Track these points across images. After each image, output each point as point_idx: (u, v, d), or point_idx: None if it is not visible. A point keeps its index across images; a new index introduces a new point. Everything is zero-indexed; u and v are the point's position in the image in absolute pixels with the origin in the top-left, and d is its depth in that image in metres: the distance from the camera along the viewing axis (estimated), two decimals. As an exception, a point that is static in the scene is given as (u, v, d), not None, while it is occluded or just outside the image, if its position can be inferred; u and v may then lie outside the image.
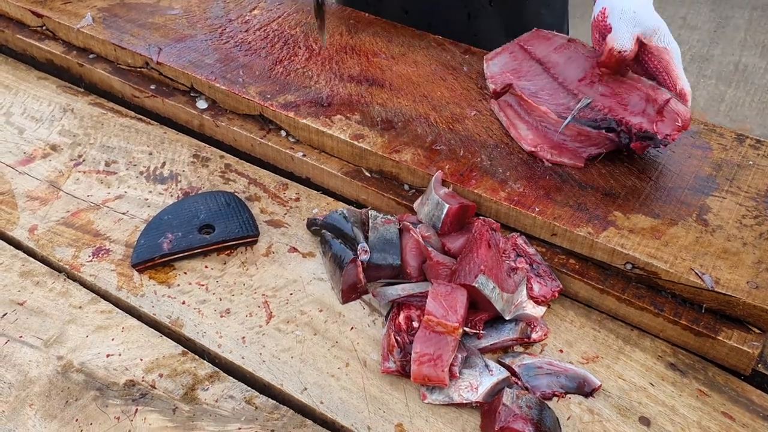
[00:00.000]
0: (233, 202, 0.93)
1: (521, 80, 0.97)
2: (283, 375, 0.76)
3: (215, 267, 0.88)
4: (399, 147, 0.95)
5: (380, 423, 0.72)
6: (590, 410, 0.74)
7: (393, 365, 0.75)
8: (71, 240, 0.91)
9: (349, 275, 0.82)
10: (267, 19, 1.23)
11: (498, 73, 0.99)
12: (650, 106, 0.87)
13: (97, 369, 0.77)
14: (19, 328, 0.81)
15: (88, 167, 1.03)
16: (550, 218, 0.85)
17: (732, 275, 0.78)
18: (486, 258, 0.78)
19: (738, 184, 0.90)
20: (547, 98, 0.95)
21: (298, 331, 0.81)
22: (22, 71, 1.23)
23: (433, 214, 0.86)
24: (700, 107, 2.98)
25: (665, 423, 0.72)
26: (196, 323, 0.82)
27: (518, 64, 1.01)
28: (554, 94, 0.95)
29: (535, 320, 0.80)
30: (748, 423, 0.72)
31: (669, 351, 0.79)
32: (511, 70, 0.99)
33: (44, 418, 0.72)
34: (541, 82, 0.97)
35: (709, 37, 3.40)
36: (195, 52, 1.13)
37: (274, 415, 0.73)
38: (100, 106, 1.15)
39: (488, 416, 0.70)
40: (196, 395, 0.74)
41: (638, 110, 0.87)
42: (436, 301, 0.75)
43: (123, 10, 1.24)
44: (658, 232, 0.83)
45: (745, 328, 0.77)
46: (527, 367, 0.76)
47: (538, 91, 0.96)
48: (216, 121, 1.06)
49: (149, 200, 0.97)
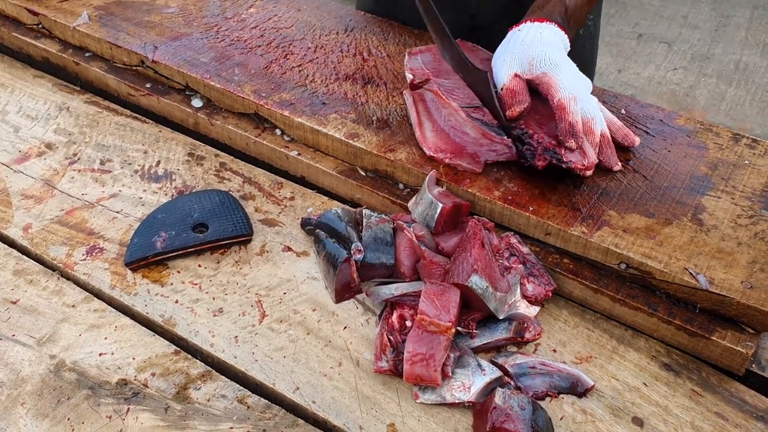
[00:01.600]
0: (227, 201, 0.93)
1: (440, 77, 0.99)
2: (276, 374, 0.76)
3: (209, 266, 0.88)
4: (394, 146, 0.95)
5: (372, 422, 0.72)
6: (583, 410, 0.73)
7: (386, 365, 0.75)
8: (65, 238, 0.91)
9: (343, 274, 0.82)
10: (263, 17, 1.23)
11: (418, 68, 1.01)
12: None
13: (89, 368, 0.77)
14: (11, 326, 0.81)
15: (83, 166, 1.03)
16: (544, 217, 0.85)
17: (726, 275, 0.78)
18: (479, 257, 0.78)
19: (733, 184, 0.90)
20: (461, 96, 0.96)
21: (291, 330, 0.81)
22: (18, 69, 1.23)
23: (427, 214, 0.86)
24: (701, 106, 2.97)
25: (658, 423, 0.72)
26: (189, 322, 0.81)
27: (439, 64, 1.02)
28: (468, 94, 0.96)
29: (528, 320, 0.80)
30: (741, 423, 0.72)
31: (663, 351, 0.79)
32: (431, 68, 1.01)
33: (36, 417, 0.72)
34: (458, 82, 0.99)
35: (710, 36, 3.39)
36: (190, 50, 1.13)
37: (266, 415, 0.72)
38: (96, 104, 1.15)
39: (480, 416, 0.70)
40: (188, 394, 0.74)
41: (553, 134, 0.88)
42: (429, 300, 0.75)
43: (119, 9, 1.24)
44: (652, 232, 0.83)
45: (739, 328, 0.77)
46: (520, 366, 0.76)
47: (453, 89, 0.97)
48: (211, 119, 1.06)
49: (143, 199, 0.97)
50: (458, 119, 0.93)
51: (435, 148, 0.93)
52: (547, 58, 0.91)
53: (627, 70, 3.19)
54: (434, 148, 0.93)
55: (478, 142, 0.92)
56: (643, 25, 3.46)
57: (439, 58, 1.04)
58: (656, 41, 3.35)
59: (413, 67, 1.01)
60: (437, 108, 0.96)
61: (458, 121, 0.93)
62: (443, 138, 0.94)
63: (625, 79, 3.13)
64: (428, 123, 0.95)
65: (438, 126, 0.95)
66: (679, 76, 3.15)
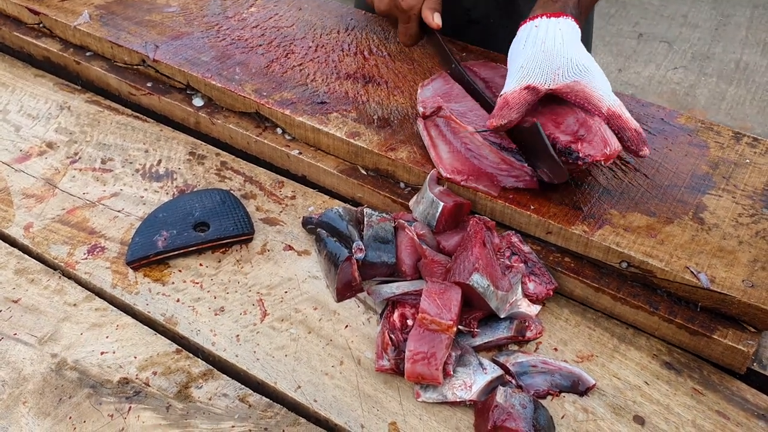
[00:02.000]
0: (228, 200, 0.93)
1: (450, 102, 0.97)
2: (277, 373, 0.76)
3: (210, 265, 0.88)
4: (395, 145, 0.95)
5: (374, 421, 0.72)
6: (584, 409, 0.73)
7: (387, 363, 0.75)
8: (66, 238, 0.91)
9: (344, 273, 0.82)
10: (264, 16, 1.23)
11: (429, 97, 0.99)
12: (582, 129, 0.85)
13: (91, 367, 0.77)
14: (13, 325, 0.81)
15: (84, 165, 1.03)
16: (545, 216, 0.85)
17: (727, 274, 0.78)
18: (481, 256, 0.78)
19: (734, 183, 0.90)
20: (474, 119, 0.93)
21: (293, 329, 0.81)
22: (19, 69, 1.23)
23: (428, 213, 0.86)
24: (701, 106, 2.97)
25: (660, 422, 0.72)
26: (190, 321, 0.81)
27: (449, 88, 1.00)
28: (481, 116, 0.93)
29: (529, 318, 0.80)
30: (743, 422, 0.72)
31: (664, 350, 0.79)
32: (442, 94, 0.99)
33: (38, 415, 0.72)
34: (469, 104, 0.96)
35: (710, 35, 3.39)
36: (191, 49, 1.13)
37: (268, 413, 0.73)
38: (97, 103, 1.15)
39: (482, 414, 0.70)
40: (189, 393, 0.74)
41: (569, 131, 0.85)
42: (431, 299, 0.75)
43: (120, 8, 1.24)
44: (653, 231, 0.83)
45: (740, 326, 0.77)
46: (521, 365, 0.76)
47: (465, 112, 0.94)
48: (212, 118, 1.06)
49: (145, 198, 0.97)
50: (475, 143, 0.91)
51: (452, 169, 0.90)
52: (574, 64, 0.85)
53: (627, 69, 3.19)
54: (451, 170, 0.90)
55: (497, 166, 0.90)
56: (643, 24, 3.46)
57: (451, 82, 1.01)
58: (656, 40, 3.35)
59: (424, 98, 0.99)
60: (451, 131, 0.94)
61: (475, 145, 0.91)
62: (460, 159, 0.91)
63: (625, 79, 3.13)
64: (443, 145, 0.93)
65: (454, 148, 0.92)
66: (680, 76, 3.15)
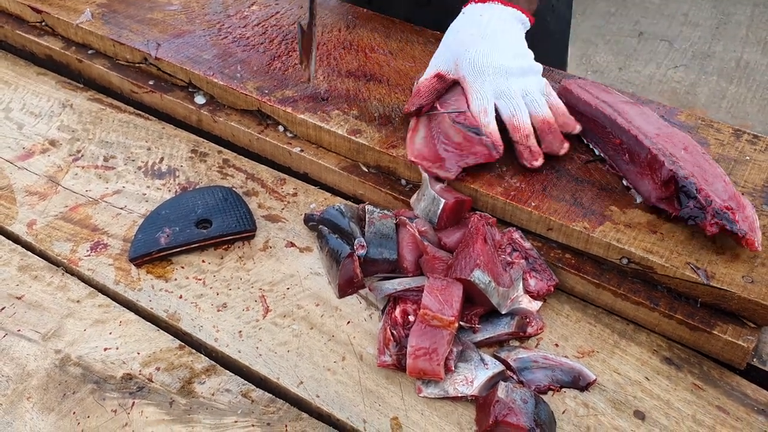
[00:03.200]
0: (230, 197, 0.94)
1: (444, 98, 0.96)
2: (280, 369, 0.77)
3: (212, 261, 0.88)
4: (396, 142, 0.96)
5: (376, 416, 0.72)
6: (585, 404, 0.74)
7: (389, 359, 0.75)
8: (69, 234, 0.92)
9: (346, 270, 0.82)
10: (265, 14, 1.23)
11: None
12: (733, 201, 0.80)
13: (94, 362, 0.77)
14: (17, 321, 0.81)
15: (86, 162, 1.03)
16: (546, 213, 0.85)
17: (727, 270, 0.78)
18: (482, 252, 0.78)
19: (735, 179, 0.90)
20: (450, 103, 0.93)
21: (295, 325, 0.81)
22: (22, 67, 1.24)
23: (430, 209, 0.87)
24: (702, 104, 2.98)
25: (660, 417, 0.73)
26: (193, 317, 0.82)
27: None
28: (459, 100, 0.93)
29: (530, 314, 0.81)
30: (743, 417, 0.73)
31: (664, 345, 0.80)
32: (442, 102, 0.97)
33: (42, 411, 0.73)
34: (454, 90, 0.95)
35: (710, 34, 3.39)
36: (193, 47, 1.13)
37: (270, 409, 0.73)
38: (99, 101, 1.15)
39: (483, 410, 0.71)
40: (192, 389, 0.75)
41: (721, 196, 0.80)
42: (432, 295, 0.75)
43: (122, 6, 1.24)
44: (654, 227, 0.83)
45: (740, 322, 0.77)
46: (523, 360, 0.76)
47: (447, 99, 0.94)
48: (214, 116, 1.06)
49: (147, 195, 0.98)
50: (444, 125, 0.92)
51: (417, 154, 0.91)
52: (471, 60, 0.89)
53: (628, 68, 3.19)
54: (416, 154, 0.91)
55: (459, 146, 0.90)
56: (643, 23, 3.47)
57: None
58: (657, 39, 3.35)
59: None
60: (428, 117, 0.94)
61: (443, 127, 0.92)
62: (429, 145, 0.92)
63: (626, 77, 3.13)
64: (423, 130, 0.93)
65: (429, 134, 0.93)
66: (680, 74, 3.15)
